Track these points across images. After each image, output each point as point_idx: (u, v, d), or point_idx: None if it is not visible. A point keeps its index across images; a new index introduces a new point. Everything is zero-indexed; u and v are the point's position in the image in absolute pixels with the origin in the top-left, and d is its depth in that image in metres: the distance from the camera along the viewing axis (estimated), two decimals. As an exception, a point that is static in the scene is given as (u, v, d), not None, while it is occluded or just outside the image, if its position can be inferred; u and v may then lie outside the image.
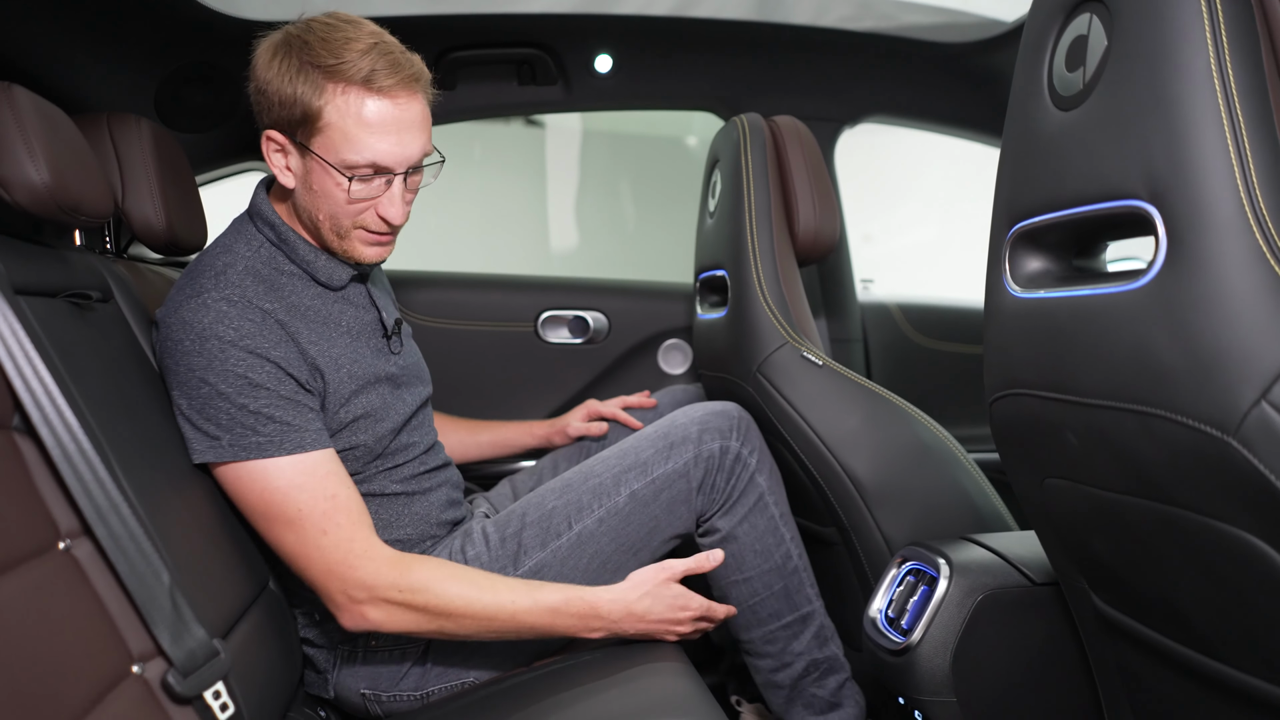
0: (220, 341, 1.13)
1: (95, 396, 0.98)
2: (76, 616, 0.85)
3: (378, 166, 1.17)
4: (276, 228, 1.26)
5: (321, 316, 1.26)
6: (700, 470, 1.33)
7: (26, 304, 0.94)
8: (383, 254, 1.27)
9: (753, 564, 1.36)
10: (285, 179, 1.23)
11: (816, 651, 1.39)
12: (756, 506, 1.36)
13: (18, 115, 1.02)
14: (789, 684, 1.39)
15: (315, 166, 1.18)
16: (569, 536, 1.29)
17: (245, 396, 1.13)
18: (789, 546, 1.38)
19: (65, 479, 0.88)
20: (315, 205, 1.22)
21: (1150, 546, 0.86)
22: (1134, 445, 0.79)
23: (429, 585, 1.16)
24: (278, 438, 1.14)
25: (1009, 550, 1.22)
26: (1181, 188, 0.71)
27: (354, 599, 1.15)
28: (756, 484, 1.36)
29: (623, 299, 2.11)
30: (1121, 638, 1.00)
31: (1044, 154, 0.86)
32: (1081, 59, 0.81)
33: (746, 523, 1.35)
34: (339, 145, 1.16)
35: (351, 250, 1.25)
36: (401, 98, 1.16)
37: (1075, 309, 0.83)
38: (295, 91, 1.15)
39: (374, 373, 1.28)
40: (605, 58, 2.06)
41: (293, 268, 1.26)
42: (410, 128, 1.18)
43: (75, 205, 1.08)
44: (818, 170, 1.56)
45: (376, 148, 1.16)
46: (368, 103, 1.14)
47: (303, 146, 1.18)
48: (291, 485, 1.14)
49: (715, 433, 1.34)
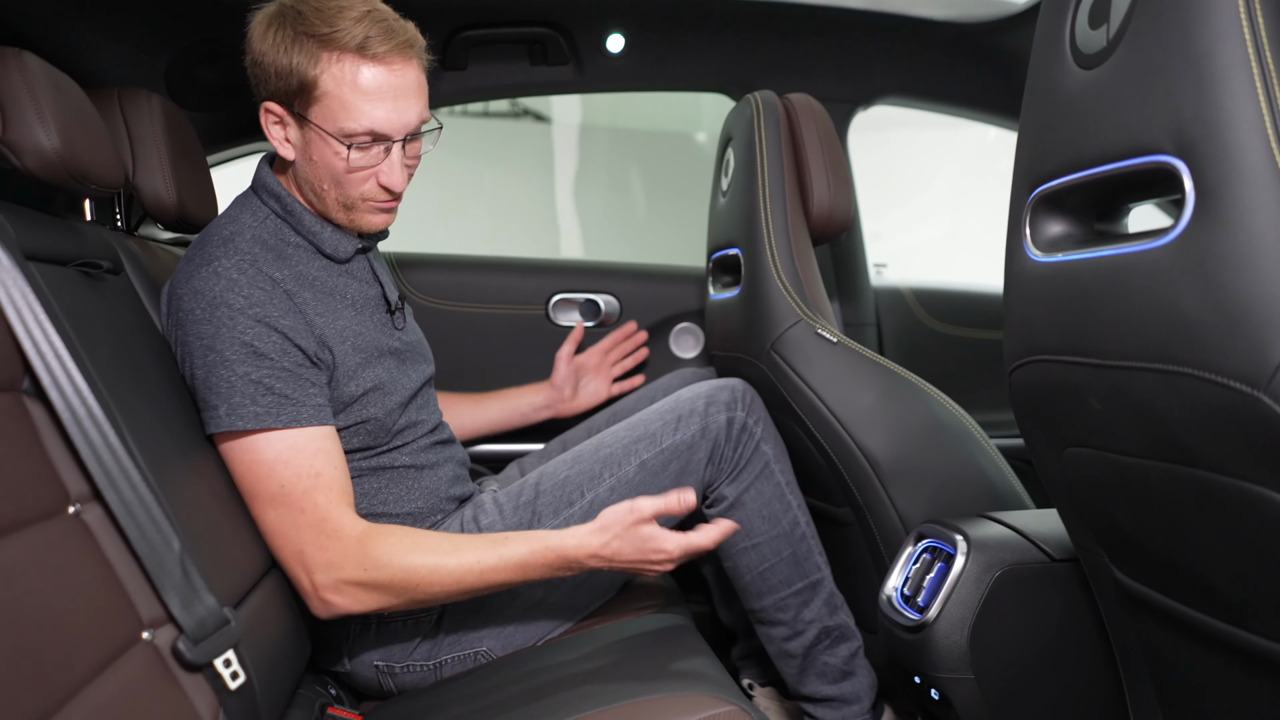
0: (229, 309, 1.14)
1: (105, 363, 0.98)
2: (86, 581, 0.84)
3: (375, 134, 1.18)
4: (281, 199, 1.26)
5: (327, 288, 1.26)
6: (708, 443, 1.33)
7: (37, 270, 0.94)
8: (389, 220, 1.29)
9: (761, 529, 1.37)
10: (285, 151, 1.23)
11: (828, 619, 1.40)
12: (763, 473, 1.37)
13: (28, 81, 1.02)
14: (802, 652, 1.40)
15: (314, 136, 1.19)
16: (581, 505, 1.30)
17: (248, 365, 1.13)
18: (796, 513, 1.39)
19: (75, 443, 0.87)
20: (317, 176, 1.22)
21: (1175, 513, 0.84)
22: (1159, 406, 0.78)
23: (392, 559, 1.14)
24: (274, 409, 1.14)
25: (1027, 527, 1.21)
26: (1210, 140, 0.69)
27: (319, 584, 1.15)
28: (762, 452, 1.37)
29: (634, 282, 2.10)
30: (1143, 611, 0.99)
31: (1066, 114, 0.84)
32: (1105, 16, 0.80)
33: (753, 489, 1.37)
34: (336, 114, 1.16)
35: (359, 221, 1.26)
36: (396, 64, 1.17)
37: (1099, 270, 0.82)
38: (291, 62, 1.15)
39: (379, 346, 1.29)
40: (618, 37, 2.04)
41: (298, 239, 1.26)
42: (406, 94, 1.19)
43: (85, 173, 1.07)
44: (832, 148, 1.54)
45: (374, 115, 1.17)
46: (363, 70, 1.15)
47: (300, 117, 1.19)
48: (278, 460, 1.14)
49: (721, 405, 1.35)
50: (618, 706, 1.01)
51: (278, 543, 1.16)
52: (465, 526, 1.32)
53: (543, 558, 1.17)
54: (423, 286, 2.02)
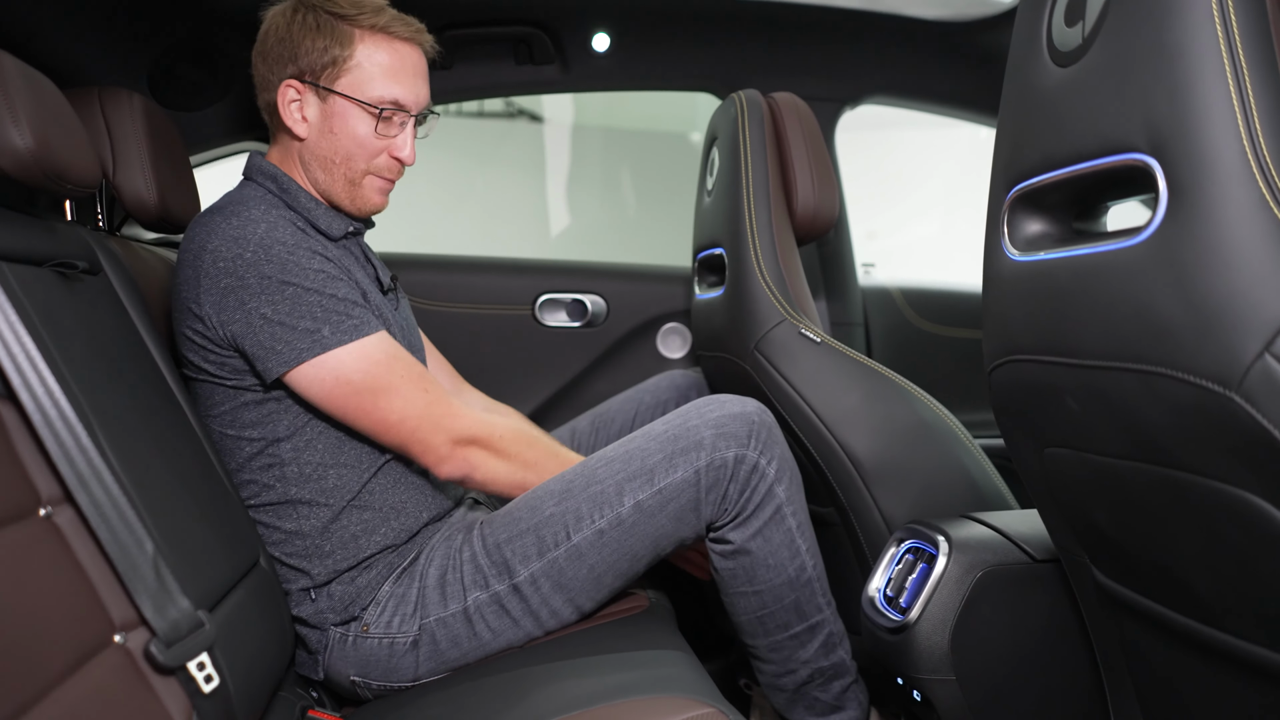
0: (284, 246, 1.21)
1: (79, 364, 0.97)
2: (56, 584, 0.84)
3: (399, 104, 1.30)
4: (278, 179, 1.32)
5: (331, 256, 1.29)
6: (711, 479, 1.24)
7: (10, 270, 0.93)
8: (384, 203, 1.38)
9: (764, 578, 1.28)
10: (300, 129, 1.31)
11: (822, 660, 1.33)
12: (773, 519, 1.26)
13: (2, 79, 1.01)
14: (793, 688, 1.34)
15: (338, 108, 1.29)
16: (566, 548, 1.24)
17: (331, 287, 1.22)
18: (804, 558, 1.29)
19: (46, 445, 0.86)
20: (332, 149, 1.30)
21: (1151, 512, 0.84)
22: (1135, 406, 0.77)
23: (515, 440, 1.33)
24: (365, 317, 1.23)
25: (1009, 527, 1.20)
26: (1183, 138, 0.69)
27: (459, 443, 1.27)
28: (775, 495, 1.26)
29: (621, 282, 2.10)
30: (1123, 611, 0.99)
31: (1043, 113, 0.84)
32: (1081, 13, 0.80)
33: (760, 536, 1.26)
34: (366, 84, 1.28)
35: (361, 198, 1.34)
36: (414, 46, 1.32)
37: (1075, 269, 0.81)
38: (323, 38, 1.27)
39: (384, 315, 1.33)
40: (603, 36, 2.04)
41: (294, 215, 1.30)
42: (421, 75, 1.33)
43: (61, 172, 1.07)
44: (817, 147, 1.54)
45: (399, 87, 1.30)
46: (392, 46, 1.29)
47: (326, 90, 1.28)
48: (388, 355, 1.24)
49: (731, 439, 1.24)
50: (598, 709, 1.00)
51: (411, 425, 1.25)
52: (451, 556, 1.29)
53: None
54: (410, 287, 2.01)
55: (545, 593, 1.25)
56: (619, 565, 1.27)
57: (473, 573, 1.26)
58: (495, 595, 1.25)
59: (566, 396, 2.07)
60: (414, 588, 1.28)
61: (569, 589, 1.26)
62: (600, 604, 1.31)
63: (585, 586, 1.26)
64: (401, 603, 1.27)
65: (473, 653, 1.26)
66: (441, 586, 1.27)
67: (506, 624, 1.26)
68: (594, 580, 1.26)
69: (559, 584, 1.25)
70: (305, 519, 1.27)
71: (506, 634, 1.26)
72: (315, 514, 1.27)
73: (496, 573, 1.26)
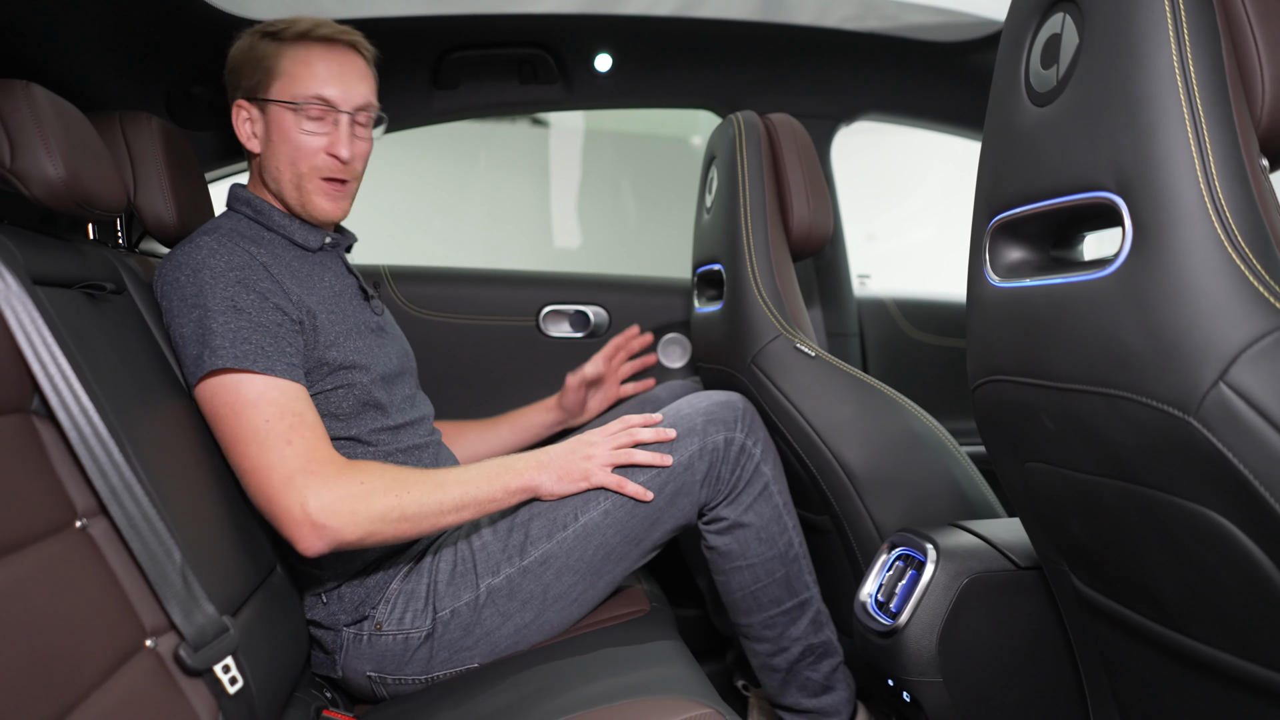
0: (211, 271, 1.26)
1: (110, 383, 1.02)
2: (92, 592, 0.89)
3: (324, 100, 1.37)
4: (252, 203, 1.42)
5: (303, 272, 1.37)
6: (705, 462, 1.35)
7: (44, 294, 0.98)
8: (339, 208, 1.43)
9: (756, 551, 1.39)
10: (252, 144, 1.42)
11: (813, 636, 1.42)
12: (762, 495, 1.38)
13: (35, 112, 1.06)
14: (785, 668, 1.43)
15: (274, 115, 1.38)
16: (575, 528, 1.33)
17: (229, 317, 1.23)
18: (791, 534, 1.41)
19: (82, 460, 0.92)
20: (277, 158, 1.39)
21: (1123, 526, 0.89)
22: (1104, 427, 0.82)
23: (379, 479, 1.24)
24: (253, 355, 1.22)
25: (994, 536, 1.25)
26: (1146, 180, 0.74)
27: (312, 510, 1.18)
28: (761, 473, 1.38)
29: (623, 294, 2.15)
30: (1100, 617, 1.04)
31: (1021, 148, 0.89)
32: (1055, 57, 0.85)
33: (751, 511, 1.38)
34: (292, 86, 1.36)
35: (310, 203, 1.40)
36: (341, 49, 1.40)
37: (1049, 297, 0.86)
38: (255, 55, 1.39)
39: (359, 321, 1.40)
40: (605, 57, 2.09)
41: (270, 235, 1.41)
42: (352, 73, 1.40)
43: (89, 199, 1.12)
44: (811, 166, 1.59)
45: (322, 84, 1.37)
46: (314, 49, 1.38)
47: (263, 101, 1.38)
48: (261, 398, 1.21)
49: (720, 424, 1.36)
50: (599, 710, 1.05)
51: (264, 478, 1.19)
52: (459, 543, 1.36)
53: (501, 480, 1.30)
54: (416, 299, 2.06)
55: (553, 574, 1.32)
56: (620, 548, 1.35)
57: (485, 560, 1.33)
58: (507, 579, 1.32)
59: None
60: (423, 583, 1.34)
61: (575, 569, 1.33)
62: (601, 592, 1.38)
63: (589, 569, 1.34)
64: (412, 598, 1.33)
65: (484, 640, 1.32)
66: (452, 579, 1.33)
67: (515, 607, 1.32)
68: (598, 563, 1.34)
69: (566, 565, 1.33)
70: None
71: (515, 617, 1.33)
72: None
73: (508, 556, 1.33)
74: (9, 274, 0.92)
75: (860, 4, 2.05)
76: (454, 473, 1.30)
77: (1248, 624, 0.80)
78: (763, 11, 2.05)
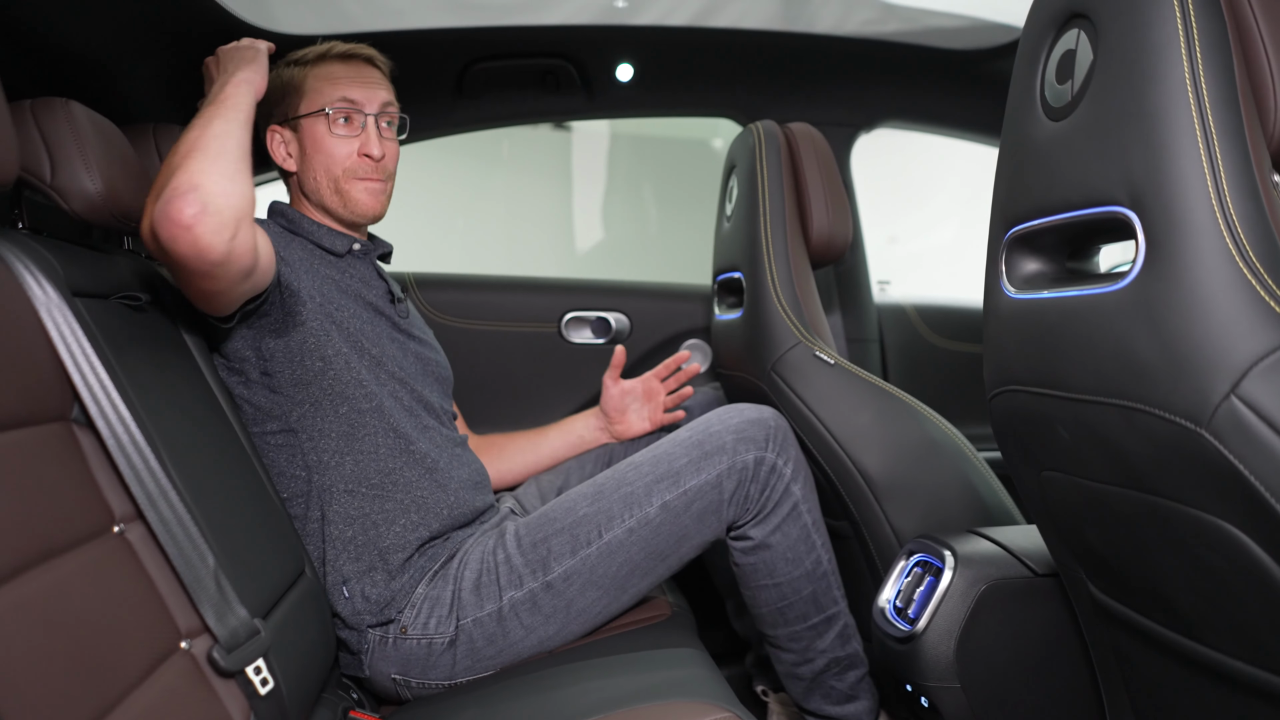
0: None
1: (146, 391, 1.05)
2: (130, 595, 0.92)
3: (349, 101, 1.44)
4: (285, 213, 1.50)
5: (321, 272, 1.43)
6: (733, 481, 1.34)
7: (83, 305, 1.01)
8: (378, 203, 1.49)
9: (783, 570, 1.38)
10: (288, 164, 1.50)
11: (839, 649, 1.42)
12: (790, 516, 1.37)
13: (75, 129, 1.09)
14: (810, 677, 1.43)
15: (305, 129, 1.45)
16: (599, 545, 1.34)
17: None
18: (820, 553, 1.40)
19: (119, 468, 0.95)
20: (315, 168, 1.46)
21: (1138, 535, 0.90)
22: (1118, 438, 0.84)
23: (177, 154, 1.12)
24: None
25: (1012, 543, 1.26)
26: (1159, 194, 0.75)
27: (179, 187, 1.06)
28: (791, 493, 1.37)
29: (644, 300, 2.17)
30: (1116, 624, 1.05)
31: (1036, 162, 0.90)
32: (1070, 72, 0.86)
33: (779, 532, 1.37)
34: (319, 97, 1.45)
35: (353, 201, 1.46)
36: (358, 61, 1.48)
37: (1064, 309, 0.88)
38: (281, 82, 1.47)
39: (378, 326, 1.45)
40: (627, 67, 2.11)
41: (300, 239, 1.47)
42: (371, 80, 1.48)
43: (126, 213, 1.15)
44: (831, 175, 1.61)
45: (346, 90, 1.45)
46: (334, 65, 1.47)
47: (295, 120, 1.46)
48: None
49: (750, 443, 1.35)
50: (620, 713, 1.07)
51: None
52: (485, 558, 1.37)
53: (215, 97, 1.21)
54: (440, 305, 2.09)
55: (576, 589, 1.33)
56: (645, 564, 1.35)
57: (508, 573, 1.34)
58: (530, 593, 1.33)
59: (592, 411, 2.15)
60: (449, 590, 1.35)
61: (599, 585, 1.34)
62: (625, 605, 1.39)
63: (613, 584, 1.35)
64: (437, 604, 1.35)
65: (507, 650, 1.34)
66: (477, 588, 1.34)
67: (538, 620, 1.33)
68: (622, 578, 1.35)
69: (590, 580, 1.34)
70: (328, 505, 1.35)
71: (539, 630, 1.34)
72: (336, 500, 1.35)
73: (531, 571, 1.34)
74: (49, 285, 0.95)
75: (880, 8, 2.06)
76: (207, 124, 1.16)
77: (1262, 632, 0.81)
78: (783, 19, 2.06)
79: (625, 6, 1.98)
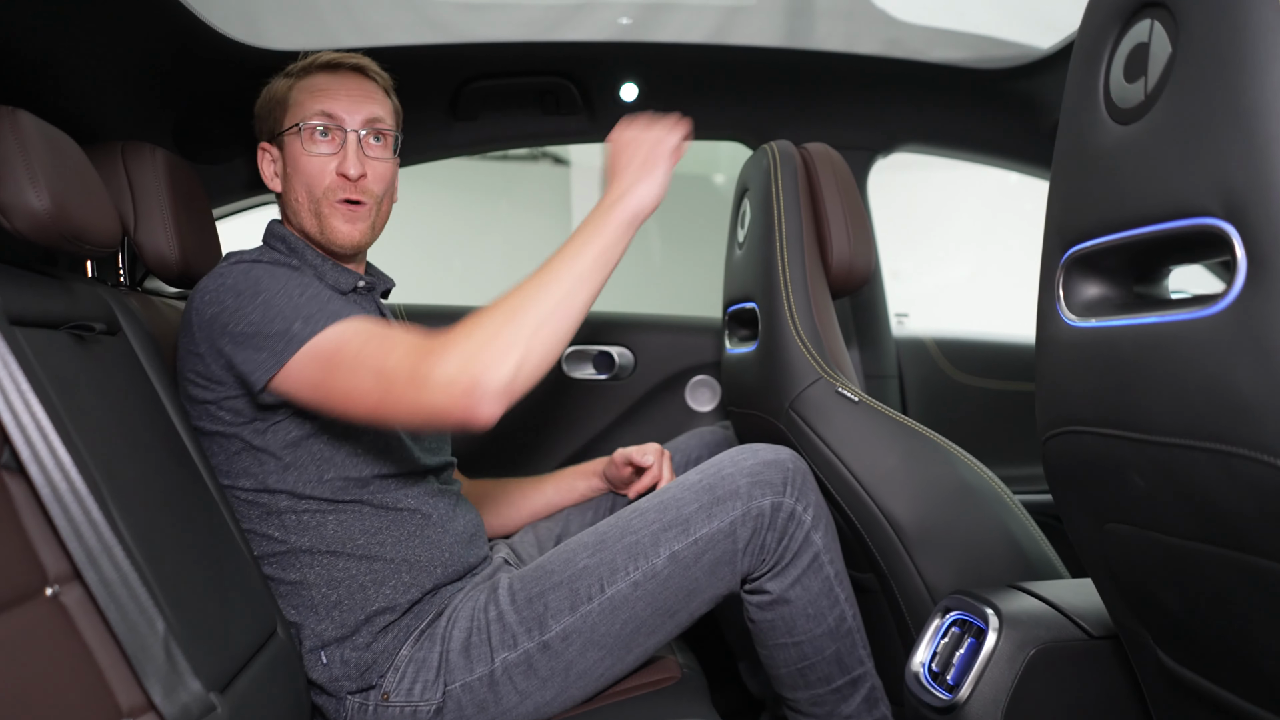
0: (263, 266, 1.22)
1: (93, 433, 0.94)
2: (62, 669, 0.80)
3: (328, 115, 1.33)
4: (286, 239, 1.37)
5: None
6: (748, 529, 1.23)
7: (23, 335, 0.90)
8: (355, 230, 1.35)
9: (804, 628, 1.26)
10: (275, 184, 1.39)
11: (866, 715, 1.30)
12: (811, 567, 1.25)
13: (21, 139, 0.99)
14: None
15: (287, 146, 1.35)
16: (600, 601, 1.22)
17: (298, 289, 1.18)
18: (844, 608, 1.28)
19: (54, 520, 0.83)
20: (294, 188, 1.34)
21: (1227, 599, 0.78)
22: (1210, 487, 0.72)
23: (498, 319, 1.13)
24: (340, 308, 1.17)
25: (1062, 600, 1.14)
26: (1262, 204, 0.64)
27: (448, 385, 1.07)
28: (812, 542, 1.25)
29: (649, 334, 2.06)
30: (1187, 695, 0.93)
31: (1101, 172, 0.80)
32: (1142, 68, 0.76)
33: (799, 585, 1.25)
34: (299, 112, 1.34)
35: (329, 228, 1.34)
36: (346, 72, 1.37)
37: (1139, 338, 0.77)
38: (270, 97, 1.39)
39: None
40: (631, 86, 2.03)
41: (309, 269, 1.35)
42: (359, 91, 1.36)
43: (78, 233, 1.04)
44: (851, 198, 1.51)
45: (326, 102, 1.34)
46: (319, 76, 1.36)
47: (280, 137, 1.36)
48: (355, 333, 1.15)
49: (767, 487, 1.24)
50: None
51: (397, 397, 1.09)
52: (476, 615, 1.25)
53: (599, 228, 1.21)
54: None
55: (576, 650, 1.21)
56: (651, 621, 1.23)
57: (500, 632, 1.22)
58: (525, 654, 1.21)
59: (593, 452, 2.03)
60: (435, 651, 1.23)
61: (601, 645, 1.22)
62: (630, 666, 1.27)
63: (617, 644, 1.23)
64: (423, 668, 1.23)
65: (500, 718, 1.22)
66: (466, 649, 1.23)
67: (534, 685, 1.22)
68: (626, 637, 1.23)
69: (591, 640, 1.22)
70: (308, 568, 1.24)
71: (534, 696, 1.22)
72: (317, 562, 1.24)
73: (526, 630, 1.22)
74: None
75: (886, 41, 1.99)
76: (552, 261, 1.19)
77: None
78: (790, 38, 1.98)
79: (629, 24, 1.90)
